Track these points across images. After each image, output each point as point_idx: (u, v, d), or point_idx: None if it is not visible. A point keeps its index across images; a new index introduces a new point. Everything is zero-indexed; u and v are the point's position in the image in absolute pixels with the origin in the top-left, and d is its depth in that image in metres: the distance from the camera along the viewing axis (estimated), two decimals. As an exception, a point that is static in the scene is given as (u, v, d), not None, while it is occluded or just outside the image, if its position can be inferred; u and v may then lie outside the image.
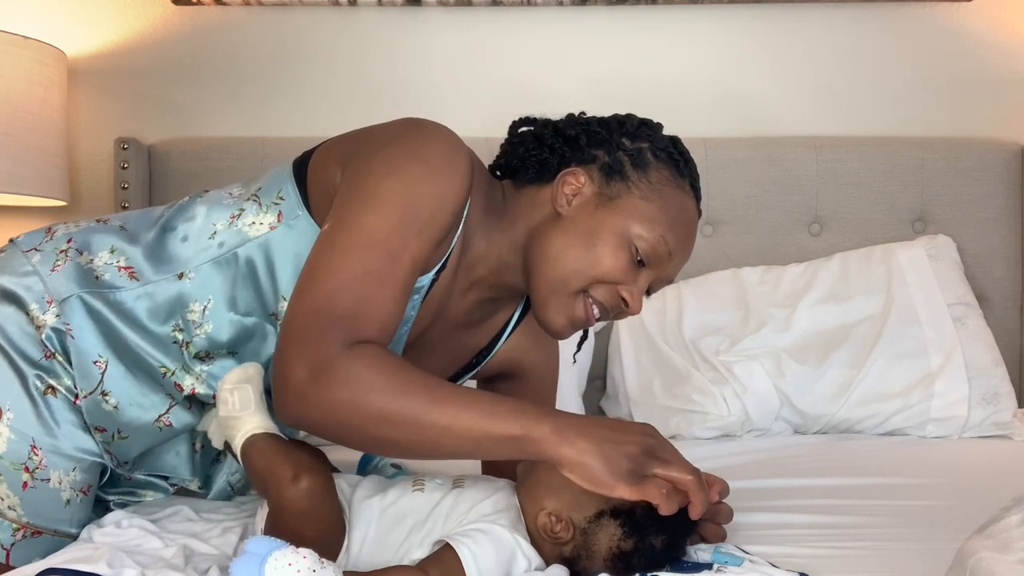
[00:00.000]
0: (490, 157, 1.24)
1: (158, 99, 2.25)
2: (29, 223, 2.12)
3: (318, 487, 0.99)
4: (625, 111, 1.20)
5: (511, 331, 1.30)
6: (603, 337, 2.05)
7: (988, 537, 0.84)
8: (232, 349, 1.13)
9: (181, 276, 1.13)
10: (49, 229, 1.22)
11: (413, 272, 1.02)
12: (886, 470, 1.54)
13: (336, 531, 1.01)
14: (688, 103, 2.20)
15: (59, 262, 1.15)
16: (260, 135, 2.18)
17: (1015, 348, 2.12)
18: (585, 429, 0.94)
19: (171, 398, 1.15)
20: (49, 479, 1.12)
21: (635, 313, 1.11)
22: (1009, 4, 2.21)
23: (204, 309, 1.12)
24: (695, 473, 0.94)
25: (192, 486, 1.24)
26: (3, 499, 1.11)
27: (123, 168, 2.10)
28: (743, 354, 1.88)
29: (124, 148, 2.11)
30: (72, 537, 1.12)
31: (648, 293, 1.13)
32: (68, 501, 1.14)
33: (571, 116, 1.19)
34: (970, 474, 1.54)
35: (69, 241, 1.17)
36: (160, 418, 1.15)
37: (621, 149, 1.12)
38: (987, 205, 2.12)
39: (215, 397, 1.14)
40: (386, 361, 0.96)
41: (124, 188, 2.10)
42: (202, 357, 1.13)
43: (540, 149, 1.14)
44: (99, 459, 1.16)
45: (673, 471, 0.93)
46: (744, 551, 1.02)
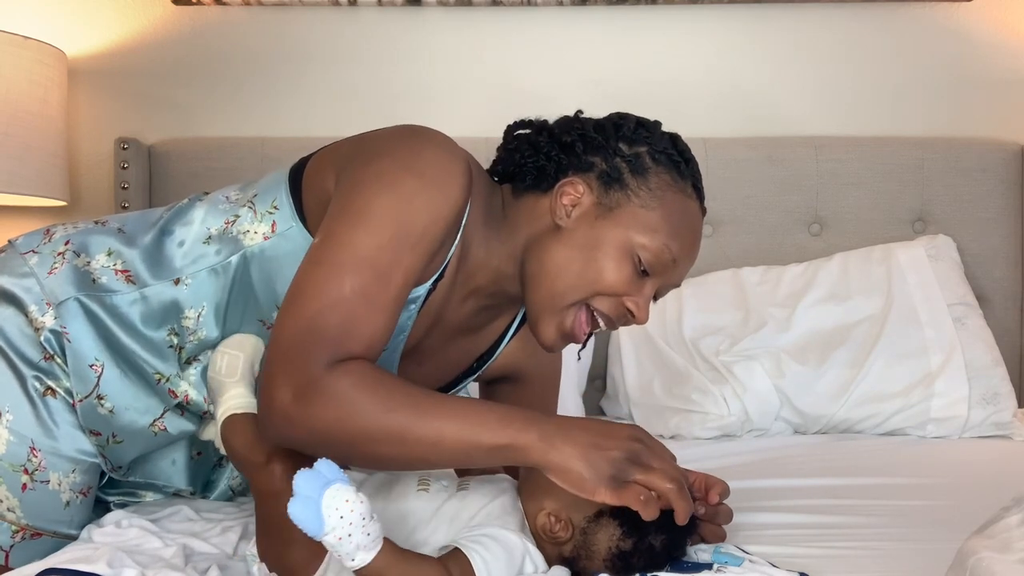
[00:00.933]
0: (488, 156, 1.22)
1: (158, 99, 2.25)
2: (29, 223, 2.12)
3: (290, 468, 0.97)
4: (625, 111, 1.17)
5: (511, 336, 1.29)
6: (603, 337, 2.05)
7: (988, 537, 0.84)
8: None
9: (177, 282, 1.13)
10: (47, 231, 1.21)
11: (405, 287, 1.00)
12: (886, 470, 1.54)
13: None
14: (688, 103, 2.20)
15: (56, 264, 1.15)
16: (260, 135, 2.18)
17: (1015, 348, 2.12)
18: (571, 434, 0.93)
19: (165, 404, 1.14)
20: (48, 481, 1.12)
21: (642, 323, 1.09)
22: (1009, 4, 2.21)
23: (199, 316, 1.12)
24: (676, 481, 0.93)
25: (185, 493, 1.24)
26: (2, 501, 1.11)
27: (123, 168, 2.10)
28: (743, 354, 1.88)
29: (124, 148, 2.11)
30: (72, 539, 1.12)
31: (655, 299, 1.11)
32: (68, 503, 1.14)
33: (566, 119, 1.16)
34: (970, 474, 1.54)
35: (67, 243, 1.17)
36: (155, 423, 1.15)
37: (619, 155, 1.09)
38: (987, 205, 2.12)
39: (206, 400, 1.14)
40: (371, 377, 0.94)
41: (124, 188, 2.10)
42: (191, 361, 1.13)
43: (536, 156, 1.12)
44: (99, 461, 1.16)
45: (653, 478, 0.93)
46: (744, 551, 1.02)
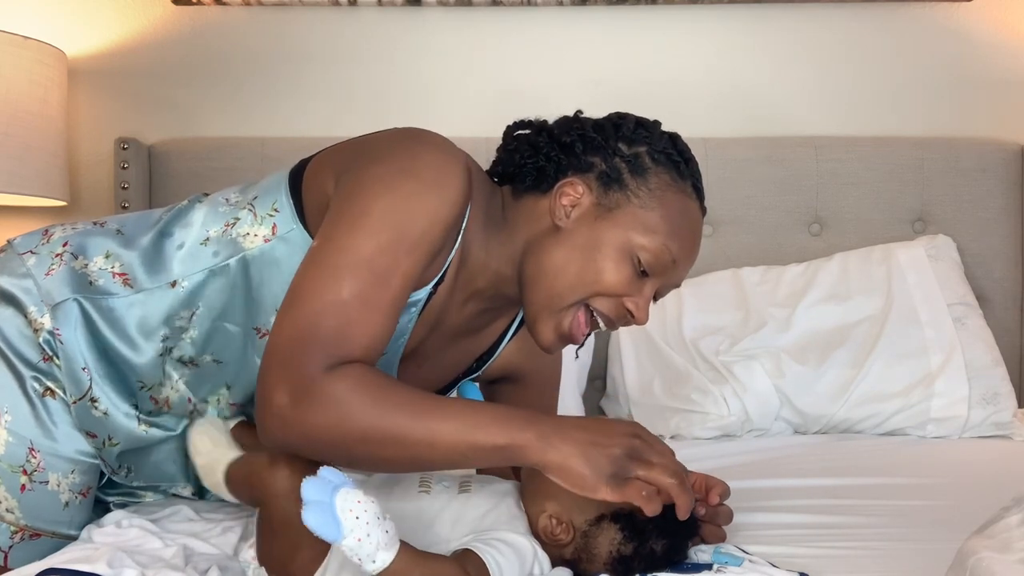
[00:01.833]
0: (489, 156, 1.22)
1: (158, 99, 2.25)
2: (29, 223, 2.12)
3: (298, 469, 0.98)
4: (625, 111, 1.17)
5: (511, 336, 1.29)
6: (603, 337, 2.05)
7: (988, 537, 0.84)
8: (218, 358, 1.13)
9: (174, 284, 1.12)
10: (46, 231, 1.21)
11: (403, 291, 1.00)
12: (886, 470, 1.54)
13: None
14: (688, 103, 2.20)
15: (54, 266, 1.14)
16: (260, 135, 2.18)
17: (1015, 348, 2.12)
18: (569, 433, 0.93)
19: (147, 408, 1.15)
20: (47, 481, 1.12)
21: (642, 323, 1.09)
22: (1009, 4, 2.21)
23: (192, 315, 1.12)
24: (678, 475, 0.93)
25: (186, 492, 1.24)
26: (1, 501, 1.11)
27: (123, 168, 2.10)
28: (743, 354, 1.88)
29: (124, 148, 2.11)
30: (71, 539, 1.12)
31: (655, 299, 1.11)
32: (67, 503, 1.14)
33: (566, 119, 1.15)
34: (970, 474, 1.54)
35: (65, 244, 1.17)
36: (141, 424, 1.15)
37: (618, 155, 1.09)
38: (987, 205, 2.12)
39: (189, 401, 1.14)
40: (368, 380, 0.94)
41: (124, 188, 2.10)
42: (186, 362, 1.13)
43: (536, 157, 1.11)
44: (98, 461, 1.16)
45: (655, 473, 0.92)
46: (744, 551, 1.02)
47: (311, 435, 0.93)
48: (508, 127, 1.19)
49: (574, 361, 1.58)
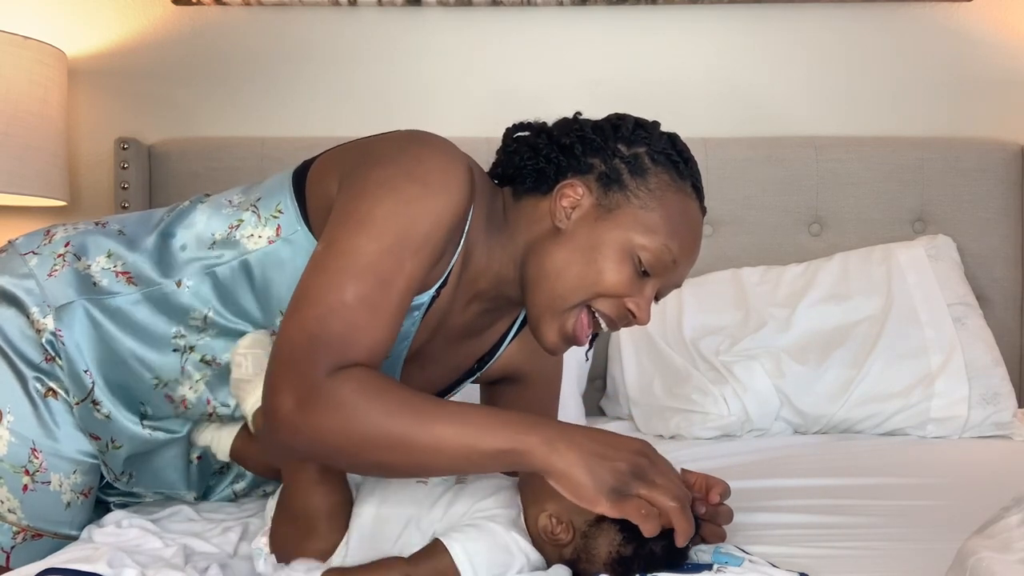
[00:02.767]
0: (489, 157, 1.22)
1: (158, 99, 2.25)
2: (29, 223, 2.12)
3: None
4: (625, 111, 1.17)
5: (512, 337, 1.29)
6: (603, 337, 2.05)
7: (988, 537, 0.84)
8: None
9: (179, 284, 1.12)
10: (48, 231, 1.21)
11: (407, 294, 1.00)
12: (886, 470, 1.53)
13: (344, 505, 1.02)
14: (688, 103, 2.20)
15: (56, 267, 1.14)
16: (260, 135, 2.18)
17: (1015, 348, 2.12)
18: (575, 441, 0.92)
19: (159, 411, 1.14)
20: (49, 482, 1.12)
21: (643, 324, 1.09)
22: (1009, 4, 2.21)
23: (205, 317, 1.12)
24: (680, 499, 0.92)
25: (188, 498, 1.24)
26: (3, 502, 1.11)
27: (123, 168, 2.10)
28: (743, 354, 1.88)
29: (124, 148, 2.11)
30: (73, 540, 1.12)
31: (656, 300, 1.11)
32: (68, 504, 1.14)
33: (565, 121, 1.15)
34: (970, 474, 1.54)
35: (67, 245, 1.17)
36: (145, 428, 1.15)
37: (617, 156, 1.09)
38: (987, 205, 2.12)
39: (209, 403, 1.14)
40: (373, 384, 0.94)
41: (124, 188, 2.10)
42: (208, 362, 1.13)
43: (536, 159, 1.11)
44: (99, 461, 1.16)
45: (657, 494, 0.91)
46: (744, 551, 1.02)
47: (316, 439, 0.93)
48: (508, 129, 1.19)
49: (575, 362, 1.58)
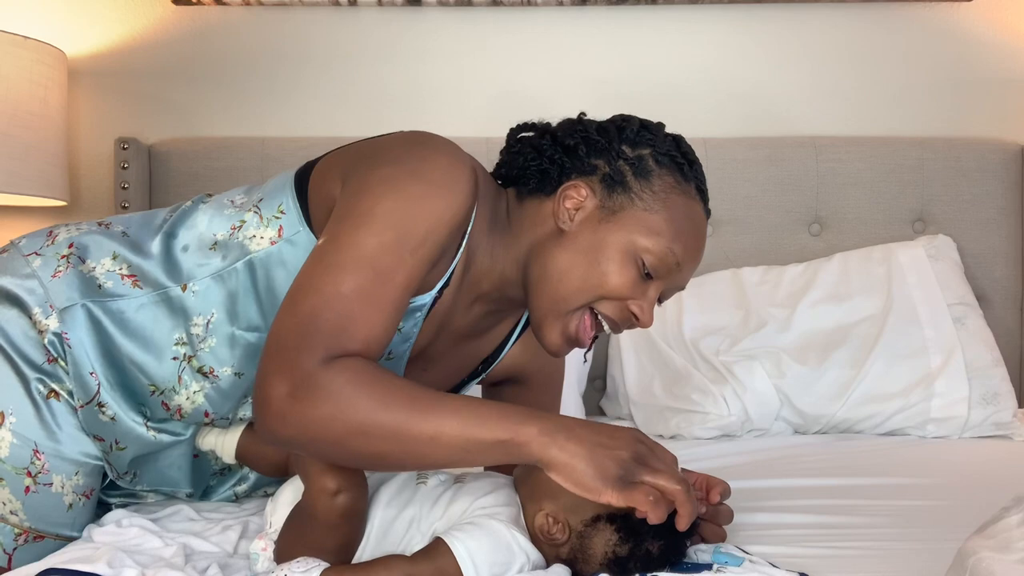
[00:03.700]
0: (489, 157, 1.22)
1: (158, 99, 2.25)
2: (29, 223, 2.12)
3: (353, 503, 0.98)
4: (625, 111, 1.17)
5: (516, 338, 1.29)
6: (603, 337, 2.03)
7: (988, 537, 0.84)
8: (238, 370, 1.12)
9: (184, 288, 1.12)
10: (50, 232, 1.20)
11: (406, 290, 0.99)
12: (886, 470, 1.54)
13: (357, 541, 1.01)
14: (688, 103, 2.20)
15: (60, 268, 1.14)
16: (260, 135, 2.18)
17: (1015, 348, 2.12)
18: (574, 432, 0.92)
19: (158, 415, 1.14)
20: (51, 483, 1.12)
21: (647, 326, 1.08)
22: (1009, 4, 2.21)
23: (207, 323, 1.11)
24: (684, 483, 0.92)
25: (184, 496, 1.24)
26: (5, 504, 1.11)
27: (123, 168, 2.10)
28: (743, 354, 1.88)
29: (124, 148, 2.11)
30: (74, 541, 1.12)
31: (660, 302, 1.10)
32: (70, 505, 1.14)
33: (569, 122, 1.15)
34: (970, 474, 1.54)
35: (70, 246, 1.16)
36: (150, 430, 1.14)
37: (622, 158, 1.09)
38: (987, 205, 2.12)
39: (207, 415, 1.14)
40: (367, 373, 0.92)
41: (124, 188, 2.10)
42: (206, 373, 1.12)
43: (539, 159, 1.11)
44: (102, 463, 1.16)
45: (661, 479, 0.91)
46: (744, 551, 1.02)
47: (308, 429, 0.91)
48: (511, 129, 1.19)
49: (579, 362, 1.57)
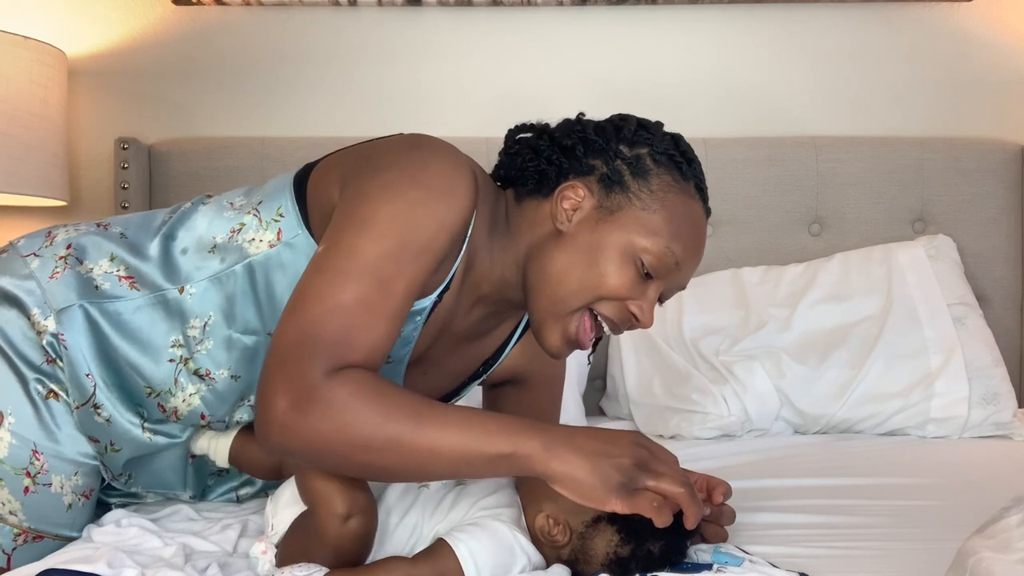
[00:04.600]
0: (489, 157, 1.22)
1: (158, 99, 2.25)
2: (29, 223, 2.12)
3: (365, 528, 0.98)
4: (625, 111, 1.16)
5: (516, 340, 1.29)
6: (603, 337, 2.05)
7: (988, 537, 0.84)
8: (235, 373, 1.12)
9: (182, 290, 1.11)
10: (49, 233, 1.20)
11: (407, 298, 0.98)
12: (886, 470, 1.54)
13: (364, 558, 1.00)
14: (688, 103, 2.20)
15: (58, 269, 1.14)
16: (260, 135, 2.18)
17: (1015, 348, 2.12)
18: (575, 442, 0.92)
19: (153, 416, 1.14)
20: (51, 484, 1.12)
21: (647, 327, 1.08)
22: (1009, 4, 2.21)
23: (204, 325, 1.11)
24: (687, 484, 0.92)
25: (186, 497, 1.24)
26: (4, 504, 1.11)
27: (123, 168, 2.10)
28: (743, 354, 1.88)
29: (124, 148, 2.11)
30: (74, 541, 1.12)
31: (660, 302, 1.10)
32: (70, 505, 1.14)
33: (567, 122, 1.14)
34: (970, 474, 1.54)
35: (69, 247, 1.16)
36: (145, 432, 1.14)
37: (619, 158, 1.08)
38: (987, 205, 2.12)
39: (203, 417, 1.14)
40: (371, 386, 0.92)
41: (124, 188, 2.10)
42: (202, 375, 1.12)
43: (537, 160, 1.10)
44: (99, 463, 1.16)
45: (664, 483, 0.91)
46: (744, 551, 1.02)
47: (311, 441, 0.91)
48: (510, 130, 1.18)
49: (580, 362, 1.57)
